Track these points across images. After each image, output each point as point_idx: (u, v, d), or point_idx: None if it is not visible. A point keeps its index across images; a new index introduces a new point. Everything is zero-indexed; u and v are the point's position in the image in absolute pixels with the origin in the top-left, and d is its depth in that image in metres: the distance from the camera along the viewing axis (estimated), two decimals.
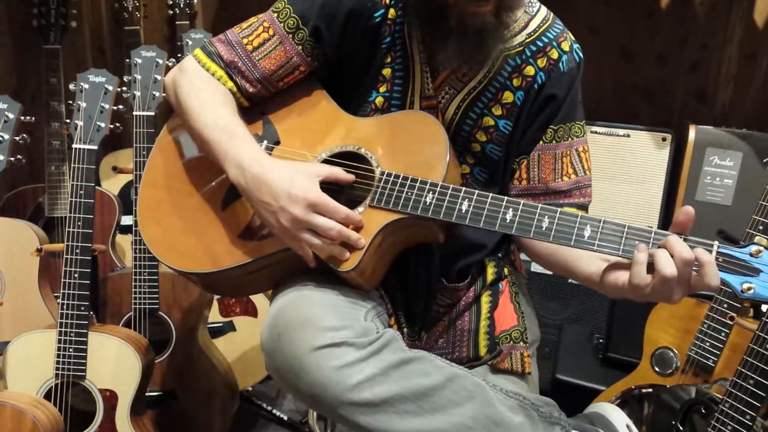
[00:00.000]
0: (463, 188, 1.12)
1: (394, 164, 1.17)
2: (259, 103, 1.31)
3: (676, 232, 1.00)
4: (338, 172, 1.16)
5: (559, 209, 1.07)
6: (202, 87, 1.25)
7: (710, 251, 0.98)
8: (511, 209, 1.08)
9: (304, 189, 1.09)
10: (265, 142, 1.27)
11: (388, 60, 1.26)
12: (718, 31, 2.28)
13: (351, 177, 1.17)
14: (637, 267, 0.99)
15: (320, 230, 1.09)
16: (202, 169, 1.27)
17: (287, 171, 1.12)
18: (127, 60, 1.83)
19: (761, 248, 0.97)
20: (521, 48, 1.25)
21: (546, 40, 1.26)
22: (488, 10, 1.13)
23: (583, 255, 1.16)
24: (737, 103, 2.31)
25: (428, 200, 1.12)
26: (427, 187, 1.12)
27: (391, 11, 1.24)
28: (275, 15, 1.26)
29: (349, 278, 1.15)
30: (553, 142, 1.29)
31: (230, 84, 1.27)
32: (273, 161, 1.16)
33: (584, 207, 1.31)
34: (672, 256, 0.96)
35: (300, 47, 1.25)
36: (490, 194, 1.10)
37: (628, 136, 2.20)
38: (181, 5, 2.52)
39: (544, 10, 1.29)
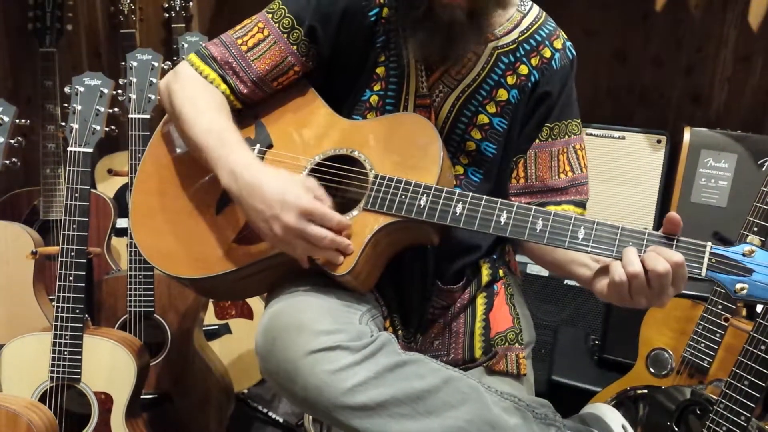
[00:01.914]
0: (457, 191, 1.12)
1: (387, 167, 1.17)
2: (252, 107, 1.31)
3: (667, 233, 1.01)
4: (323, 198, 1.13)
5: (554, 211, 1.07)
6: (196, 92, 1.24)
7: (703, 251, 0.99)
8: (505, 212, 1.09)
9: (297, 196, 1.09)
10: (258, 145, 1.27)
11: (382, 59, 1.26)
12: (713, 34, 2.30)
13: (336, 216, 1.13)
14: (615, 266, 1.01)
15: (312, 239, 1.09)
16: (195, 174, 1.27)
17: (281, 179, 1.12)
18: (123, 63, 1.83)
19: (753, 248, 0.97)
20: (515, 45, 1.26)
21: (539, 38, 1.27)
22: (458, 3, 1.13)
23: (574, 256, 1.17)
24: (732, 106, 2.32)
25: (422, 203, 1.12)
26: (421, 189, 1.12)
27: (386, 10, 1.24)
28: (270, 15, 1.27)
29: (344, 282, 1.15)
30: (549, 139, 1.30)
31: (223, 86, 1.26)
32: (267, 169, 1.15)
33: (582, 204, 1.32)
34: (646, 272, 0.98)
35: (295, 47, 1.25)
36: (484, 197, 1.10)
37: (624, 138, 2.20)
38: (177, 8, 2.52)
39: (536, 8, 1.30)
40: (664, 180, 2.16)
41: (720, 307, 1.52)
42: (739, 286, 0.96)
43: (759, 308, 1.46)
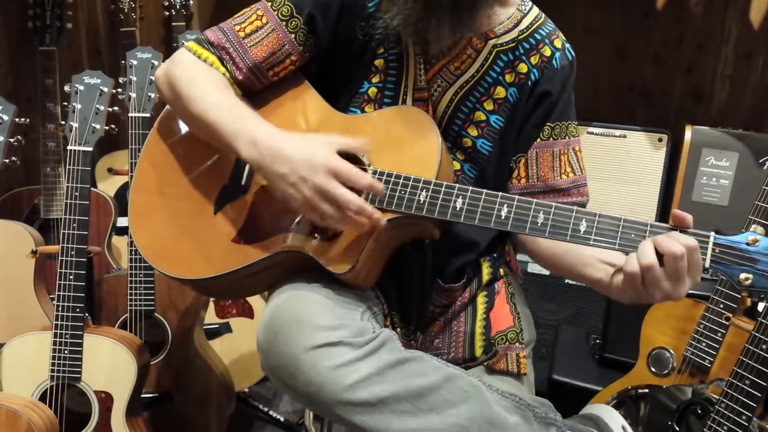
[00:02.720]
0: (457, 185, 1.11)
1: (386, 162, 1.16)
2: (247, 99, 1.29)
3: (673, 225, 1.00)
4: (351, 142, 1.13)
5: (555, 204, 1.07)
6: (200, 72, 1.23)
7: (707, 241, 0.98)
8: (506, 205, 1.08)
9: (325, 157, 1.06)
10: None
11: (381, 51, 1.25)
12: (714, 32, 2.29)
13: (362, 147, 1.13)
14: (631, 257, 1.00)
15: (341, 202, 1.05)
16: (193, 173, 1.26)
17: (304, 141, 1.10)
18: (123, 61, 1.83)
19: (758, 237, 0.95)
20: (514, 44, 1.25)
21: (539, 37, 1.26)
22: None
23: (589, 261, 1.16)
24: (733, 104, 2.32)
25: (422, 198, 1.11)
26: (420, 184, 1.11)
27: (385, 1, 1.23)
28: (269, 4, 1.26)
29: (345, 279, 1.15)
30: (551, 139, 1.29)
31: (223, 69, 1.25)
32: (288, 134, 1.12)
33: (583, 206, 1.31)
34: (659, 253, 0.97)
35: (293, 35, 1.25)
36: (485, 191, 1.10)
37: (625, 136, 2.20)
38: (177, 6, 2.52)
39: (536, 9, 1.30)
40: (666, 178, 2.16)
41: (721, 306, 1.52)
42: (743, 276, 0.95)
43: (760, 307, 1.46)
